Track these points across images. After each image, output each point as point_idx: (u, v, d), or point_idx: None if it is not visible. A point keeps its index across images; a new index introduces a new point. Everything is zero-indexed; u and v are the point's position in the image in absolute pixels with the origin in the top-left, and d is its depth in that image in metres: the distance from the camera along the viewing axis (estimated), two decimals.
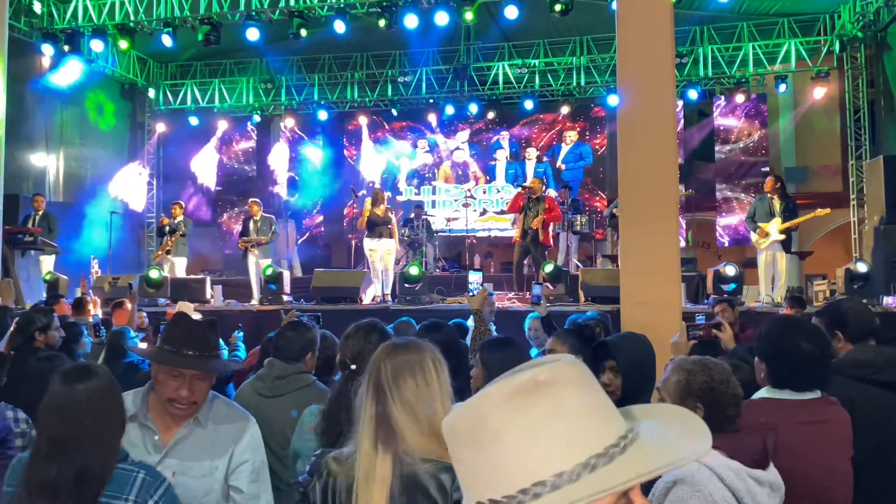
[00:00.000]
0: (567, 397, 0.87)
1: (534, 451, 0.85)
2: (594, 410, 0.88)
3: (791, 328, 2.54)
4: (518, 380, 0.88)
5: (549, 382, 0.87)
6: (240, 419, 2.43)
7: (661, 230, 4.94)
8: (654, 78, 5.19)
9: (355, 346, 2.56)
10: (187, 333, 2.35)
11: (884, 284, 8.41)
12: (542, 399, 0.86)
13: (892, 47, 11.62)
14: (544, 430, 0.85)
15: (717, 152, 14.23)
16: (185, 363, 2.28)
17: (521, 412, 0.86)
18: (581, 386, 0.89)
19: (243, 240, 10.89)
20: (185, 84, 15.17)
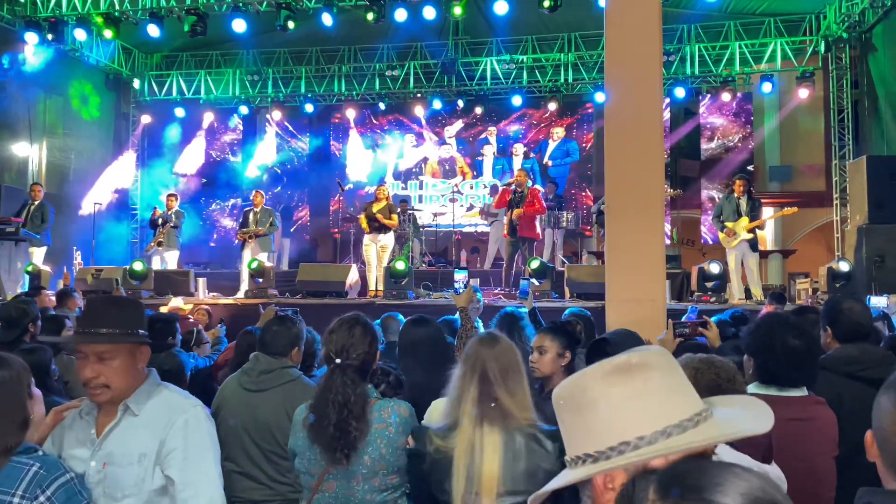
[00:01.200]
0: (653, 378, 1.09)
1: (622, 417, 1.07)
2: (674, 390, 1.10)
3: (779, 324, 2.57)
4: (616, 361, 1.12)
5: (640, 365, 1.10)
6: (179, 405, 2.21)
7: (646, 227, 4.96)
8: (641, 75, 5.20)
9: (339, 341, 2.58)
10: (92, 311, 2.22)
11: (866, 283, 8.51)
12: (632, 377, 1.09)
13: (877, 48, 11.73)
14: (632, 401, 1.08)
15: (703, 150, 14.31)
16: (70, 339, 2.25)
17: (614, 386, 1.09)
18: (666, 370, 1.11)
19: (242, 231, 10.84)
20: (171, 75, 15.05)
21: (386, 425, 2.54)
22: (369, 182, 15.66)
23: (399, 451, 2.55)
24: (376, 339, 2.68)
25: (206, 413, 2.26)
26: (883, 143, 11.37)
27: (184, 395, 2.30)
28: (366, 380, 2.62)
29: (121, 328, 2.17)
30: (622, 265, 5.01)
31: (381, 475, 2.52)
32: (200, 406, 2.26)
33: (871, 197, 9.15)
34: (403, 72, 14.38)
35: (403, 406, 2.65)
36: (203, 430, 2.21)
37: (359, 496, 2.50)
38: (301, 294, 9.68)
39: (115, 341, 2.16)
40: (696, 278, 9.16)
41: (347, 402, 2.46)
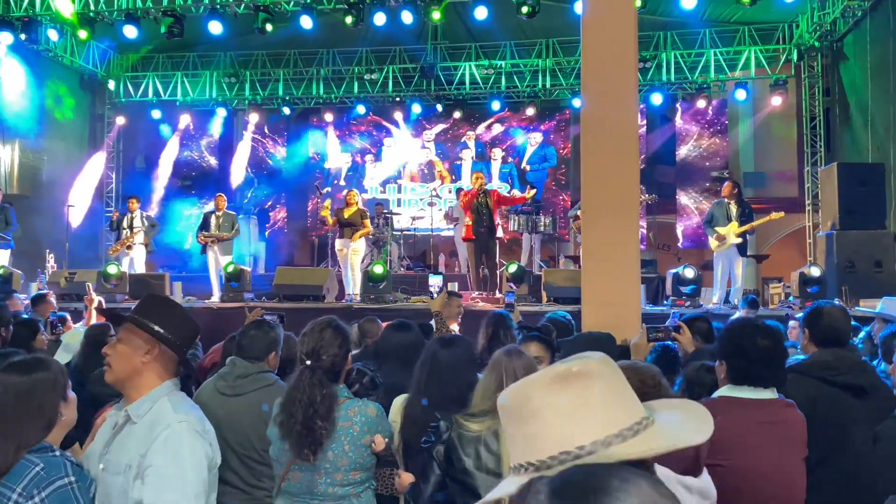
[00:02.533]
0: (594, 386, 1.09)
1: (563, 426, 1.07)
2: (616, 398, 1.10)
3: (749, 327, 2.63)
4: (558, 369, 1.12)
5: (581, 373, 1.10)
6: (165, 418, 2.09)
7: (622, 232, 5.01)
8: (617, 81, 5.26)
9: (310, 343, 2.69)
10: (145, 303, 2.32)
11: (836, 288, 8.65)
12: (574, 386, 1.09)
13: (848, 57, 11.95)
14: (574, 410, 1.07)
15: (678, 156, 14.48)
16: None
17: (557, 395, 1.09)
18: (607, 378, 1.11)
19: (203, 234, 10.72)
20: (147, 76, 14.90)
21: (351, 424, 2.66)
22: (347, 186, 15.63)
23: (363, 449, 2.68)
24: (347, 341, 2.78)
25: (191, 429, 2.08)
26: (854, 150, 11.59)
27: (175, 408, 2.13)
28: (336, 381, 2.73)
29: (149, 320, 2.21)
30: (598, 269, 5.06)
31: (342, 471, 2.65)
32: (187, 422, 2.09)
33: (841, 203, 9.31)
34: (382, 75, 14.38)
35: (371, 406, 2.76)
36: (182, 449, 2.04)
37: (321, 488, 2.64)
38: (278, 298, 9.63)
39: (131, 324, 2.21)
40: (672, 283, 9.26)
41: (314, 402, 2.58)
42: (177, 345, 2.22)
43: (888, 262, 8.93)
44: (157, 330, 2.18)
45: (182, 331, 2.25)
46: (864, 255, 8.96)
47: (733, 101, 13.95)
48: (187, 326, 2.28)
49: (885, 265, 8.90)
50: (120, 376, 2.20)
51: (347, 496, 2.67)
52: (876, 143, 10.74)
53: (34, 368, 2.18)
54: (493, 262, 10.35)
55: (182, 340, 2.25)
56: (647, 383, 2.17)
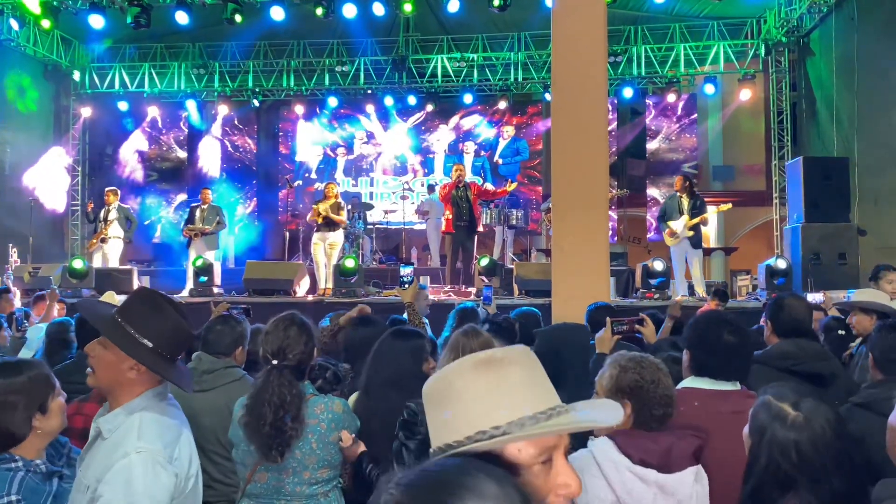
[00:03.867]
0: (513, 372, 1.15)
1: (481, 408, 1.11)
2: (534, 385, 1.16)
3: (715, 320, 2.66)
4: (481, 355, 1.17)
5: (502, 360, 1.16)
6: (125, 444, 1.89)
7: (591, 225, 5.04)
8: (587, 75, 5.28)
9: (275, 342, 2.63)
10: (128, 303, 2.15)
11: (802, 280, 8.81)
12: (494, 371, 1.14)
13: (815, 52, 12.13)
14: (492, 393, 1.12)
15: (648, 150, 14.60)
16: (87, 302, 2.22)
17: (477, 379, 1.14)
18: (525, 365, 1.17)
19: (188, 228, 10.59)
20: (114, 67, 14.62)
21: (318, 421, 2.62)
22: (318, 179, 15.52)
23: (331, 446, 2.64)
24: (312, 337, 2.72)
25: (150, 460, 1.86)
26: (820, 144, 11.78)
27: (141, 432, 1.91)
28: (302, 379, 2.68)
29: (131, 325, 2.00)
30: (567, 263, 5.09)
31: (311, 469, 2.60)
32: (148, 451, 1.87)
33: (807, 196, 9.46)
34: (353, 68, 14.29)
35: (337, 402, 2.72)
36: (135, 483, 1.82)
37: (289, 488, 2.59)
38: (248, 292, 9.54)
39: (104, 332, 2.00)
40: (641, 275, 9.34)
41: (283, 402, 2.51)
42: (167, 358, 2.02)
43: (851, 255, 9.11)
44: (144, 343, 1.98)
45: (173, 341, 2.04)
46: (829, 247, 9.13)
47: (702, 95, 14.10)
48: (179, 335, 2.07)
49: (849, 257, 9.08)
50: (102, 384, 2.05)
51: (315, 495, 2.62)
52: (841, 138, 10.94)
53: (8, 373, 2.08)
54: (469, 257, 10.37)
55: (173, 351, 2.05)
56: (644, 378, 2.17)
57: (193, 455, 2.07)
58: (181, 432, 2.04)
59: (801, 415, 1.76)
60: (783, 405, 1.79)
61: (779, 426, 1.77)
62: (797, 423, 1.75)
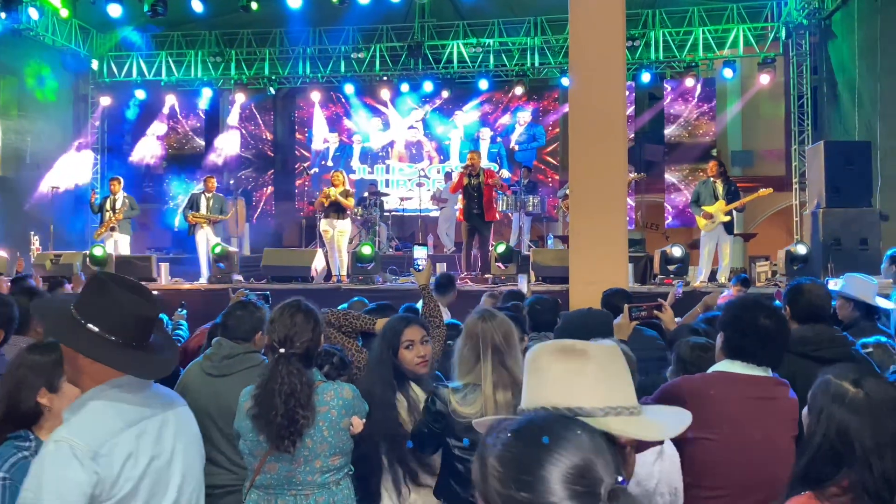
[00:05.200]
0: (589, 364, 1.27)
1: (562, 387, 1.26)
2: (610, 381, 1.28)
3: (752, 303, 2.65)
4: (565, 343, 1.32)
5: (581, 351, 1.29)
6: (52, 436, 1.78)
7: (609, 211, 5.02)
8: (605, 60, 5.24)
9: (282, 329, 2.61)
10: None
11: (822, 266, 8.72)
12: (573, 359, 1.28)
13: (836, 35, 11.94)
14: (571, 377, 1.26)
15: (666, 135, 14.47)
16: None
17: (558, 362, 1.28)
18: (604, 361, 1.29)
19: (193, 214, 10.58)
20: (131, 56, 14.70)
21: (328, 408, 2.60)
22: (334, 166, 15.55)
23: (342, 433, 2.62)
24: (319, 323, 2.69)
25: (67, 452, 1.71)
26: (841, 128, 11.62)
27: (69, 423, 1.78)
28: (310, 366, 2.66)
29: (81, 315, 1.87)
30: (585, 249, 5.07)
31: (322, 457, 2.59)
32: (67, 442, 1.72)
33: (828, 181, 9.34)
34: (369, 54, 14.25)
35: (346, 388, 2.70)
36: (44, 475, 1.69)
37: (301, 478, 2.57)
38: (266, 279, 9.60)
39: (47, 327, 1.98)
40: (659, 261, 9.29)
41: (294, 391, 2.50)
42: (124, 344, 1.86)
43: (873, 240, 8.99)
44: (91, 330, 1.84)
45: (125, 325, 1.87)
46: (850, 232, 9.02)
47: (721, 79, 13.93)
48: (130, 319, 1.88)
49: (871, 243, 8.96)
50: (69, 378, 1.95)
51: (326, 484, 2.60)
52: (863, 121, 10.77)
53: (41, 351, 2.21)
54: (485, 244, 10.37)
55: (130, 336, 1.87)
56: None
57: (141, 458, 1.83)
58: (133, 428, 1.83)
59: (862, 391, 1.75)
60: (843, 383, 1.79)
61: (837, 404, 1.76)
62: (857, 400, 1.74)
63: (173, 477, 1.93)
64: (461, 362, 2.60)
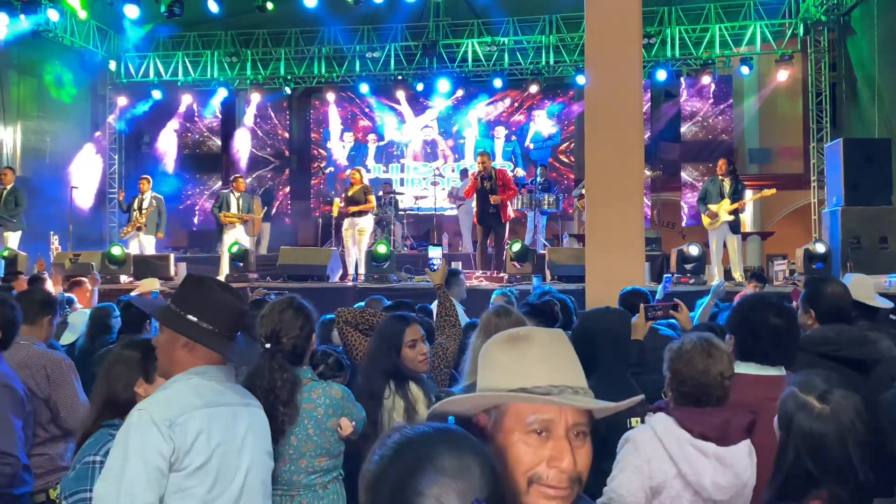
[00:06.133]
0: (532, 349, 1.29)
1: (499, 374, 1.28)
2: (547, 363, 1.28)
3: (760, 303, 2.61)
4: (511, 331, 1.35)
5: (525, 337, 1.31)
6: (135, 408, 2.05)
7: (625, 210, 5.00)
8: (621, 57, 5.21)
9: (269, 324, 2.62)
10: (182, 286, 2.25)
11: (841, 265, 8.62)
12: (517, 344, 1.30)
13: (856, 31, 11.81)
14: (515, 361, 1.28)
15: (682, 133, 14.38)
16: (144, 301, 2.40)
17: (504, 349, 1.31)
18: (545, 346, 1.30)
19: (226, 214, 10.63)
20: (148, 56, 14.82)
21: (314, 406, 2.58)
22: (350, 165, 15.59)
23: (328, 434, 2.59)
24: (309, 321, 2.68)
25: (147, 419, 1.90)
26: (860, 125, 11.49)
27: (153, 397, 2.01)
28: (300, 363, 2.65)
29: (180, 307, 2.08)
30: (602, 247, 5.05)
31: (307, 457, 2.56)
32: (147, 410, 1.93)
33: (847, 179, 9.23)
34: (384, 53, 14.27)
35: (336, 388, 2.68)
36: (129, 440, 1.89)
37: (285, 477, 2.54)
38: (282, 278, 9.65)
39: (155, 315, 2.17)
40: (676, 260, 9.23)
41: (274, 387, 2.49)
42: (220, 334, 2.06)
43: (893, 239, 8.87)
44: (192, 320, 2.05)
45: (223, 317, 2.08)
46: (870, 231, 8.90)
47: (738, 76, 13.83)
48: (228, 311, 2.10)
49: (891, 241, 8.84)
50: (163, 368, 2.14)
51: (312, 486, 2.57)
52: (883, 119, 10.65)
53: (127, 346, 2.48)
54: (500, 243, 10.37)
55: (225, 327, 2.08)
56: (710, 374, 2.19)
57: (213, 437, 1.98)
58: (208, 409, 1.99)
59: (828, 407, 1.71)
60: (809, 398, 1.75)
61: (804, 418, 1.73)
62: (823, 415, 1.71)
63: (241, 466, 2.06)
64: (473, 357, 2.63)
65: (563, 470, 1.20)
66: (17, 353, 3.18)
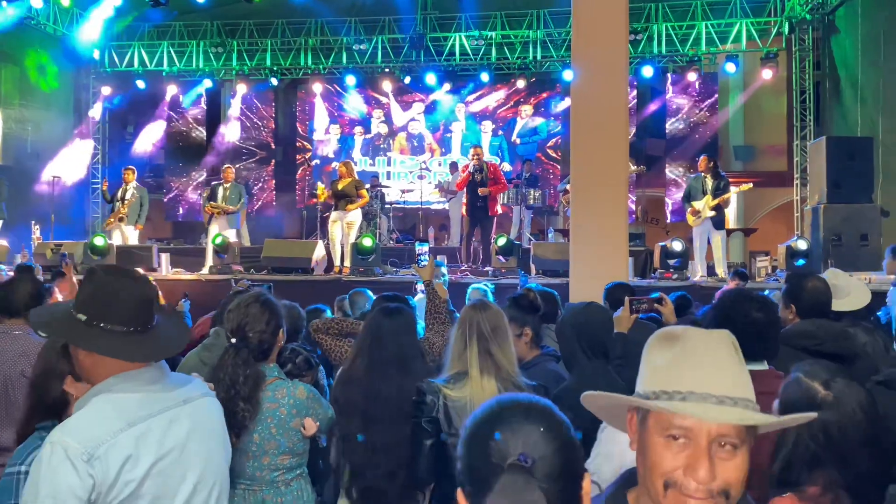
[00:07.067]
0: (682, 350, 1.26)
1: (656, 374, 1.27)
2: (700, 365, 1.24)
3: (741, 298, 2.63)
4: (665, 330, 1.33)
5: (677, 337, 1.28)
6: (49, 437, 1.72)
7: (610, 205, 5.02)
8: (607, 53, 5.23)
9: (235, 319, 2.60)
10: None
11: (822, 261, 8.72)
12: (669, 345, 1.27)
13: (840, 30, 11.90)
14: (665, 362, 1.26)
15: (667, 130, 14.45)
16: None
17: (655, 348, 1.30)
18: (696, 347, 1.26)
19: (211, 205, 10.58)
20: (133, 46, 14.67)
21: (278, 406, 2.58)
22: (336, 158, 15.54)
23: (292, 433, 2.60)
24: (276, 317, 2.64)
25: (60, 455, 1.64)
26: (843, 124, 11.60)
27: (67, 422, 1.73)
28: (265, 359, 2.63)
29: (80, 311, 1.80)
30: (586, 242, 5.07)
31: (270, 455, 2.57)
32: (61, 445, 1.65)
33: (829, 177, 9.33)
34: (371, 46, 14.22)
35: (301, 388, 2.68)
36: (39, 478, 1.64)
37: (249, 472, 2.56)
38: (266, 270, 9.61)
39: (41, 329, 1.86)
40: (659, 256, 9.30)
41: (235, 382, 2.47)
42: (127, 332, 1.78)
43: (874, 236, 8.99)
44: (91, 323, 1.77)
45: (121, 313, 1.78)
46: (851, 228, 9.01)
47: (724, 74, 13.90)
48: (129, 304, 1.80)
49: (871, 239, 8.96)
50: (83, 374, 1.86)
51: (275, 482, 2.59)
52: (865, 117, 10.75)
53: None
54: (486, 237, 10.40)
55: (130, 323, 1.78)
56: None
57: (143, 460, 1.73)
58: (134, 428, 1.73)
59: (832, 394, 1.74)
60: (814, 383, 1.77)
61: (808, 405, 1.75)
62: (827, 402, 1.73)
63: (187, 476, 1.83)
64: (452, 350, 2.64)
65: (698, 480, 1.18)
66: (15, 342, 3.18)
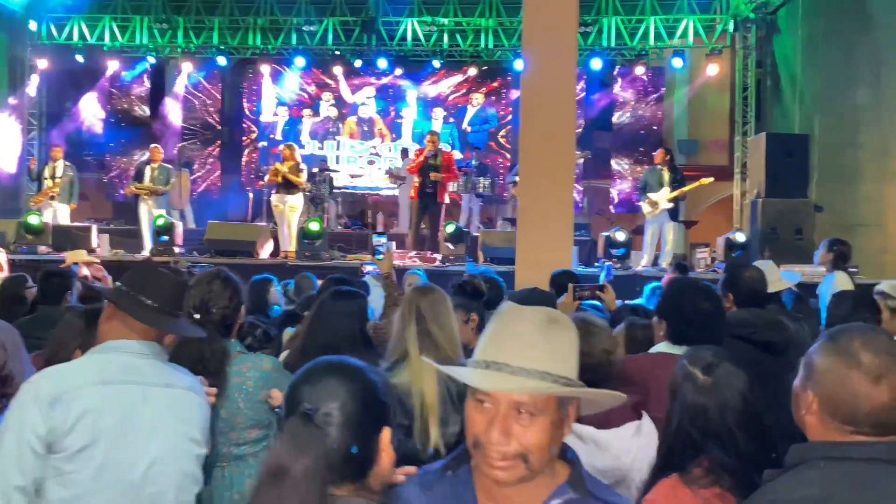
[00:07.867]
0: (496, 323, 1.37)
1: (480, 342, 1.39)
2: (505, 337, 1.34)
3: (690, 288, 2.72)
4: (504, 306, 1.41)
5: (501, 312, 1.40)
6: None
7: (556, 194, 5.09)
8: (557, 44, 5.27)
9: (198, 295, 2.57)
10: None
11: (759, 253, 9.01)
12: (494, 318, 1.39)
13: (781, 30, 12.25)
14: (492, 334, 1.37)
15: (614, 122, 14.66)
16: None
17: (491, 322, 1.39)
18: (508, 321, 1.35)
19: (137, 185, 10.32)
20: (72, 18, 14.10)
21: (244, 379, 2.59)
22: (283, 140, 15.29)
23: (259, 406, 2.59)
24: (237, 293, 2.66)
25: (28, 394, 1.80)
26: (783, 121, 11.96)
27: (46, 369, 1.95)
28: (228, 335, 2.62)
29: (134, 290, 2.06)
30: (532, 230, 5.13)
31: (238, 429, 2.58)
32: (32, 384, 1.83)
33: (768, 172, 9.63)
34: (322, 28, 14.00)
35: (266, 360, 2.70)
36: (10, 414, 1.80)
37: (216, 449, 2.52)
38: (209, 253, 9.43)
39: (108, 297, 2.13)
40: (603, 245, 9.48)
41: (202, 358, 2.45)
42: (156, 308, 2.01)
43: (808, 231, 9.33)
44: (144, 301, 2.01)
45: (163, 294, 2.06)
46: (787, 222, 9.33)
47: (670, 69, 14.16)
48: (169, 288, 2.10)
49: (805, 233, 9.29)
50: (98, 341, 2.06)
51: (244, 456, 2.59)
52: (803, 115, 11.11)
53: None
54: (435, 224, 10.41)
55: (164, 303, 2.04)
56: (594, 354, 2.12)
57: (103, 417, 1.81)
58: (106, 387, 1.84)
59: (711, 379, 1.80)
60: (694, 369, 1.83)
61: (689, 389, 1.81)
62: (706, 387, 1.79)
63: (146, 452, 1.86)
64: (394, 333, 2.62)
65: (490, 442, 1.24)
66: None
